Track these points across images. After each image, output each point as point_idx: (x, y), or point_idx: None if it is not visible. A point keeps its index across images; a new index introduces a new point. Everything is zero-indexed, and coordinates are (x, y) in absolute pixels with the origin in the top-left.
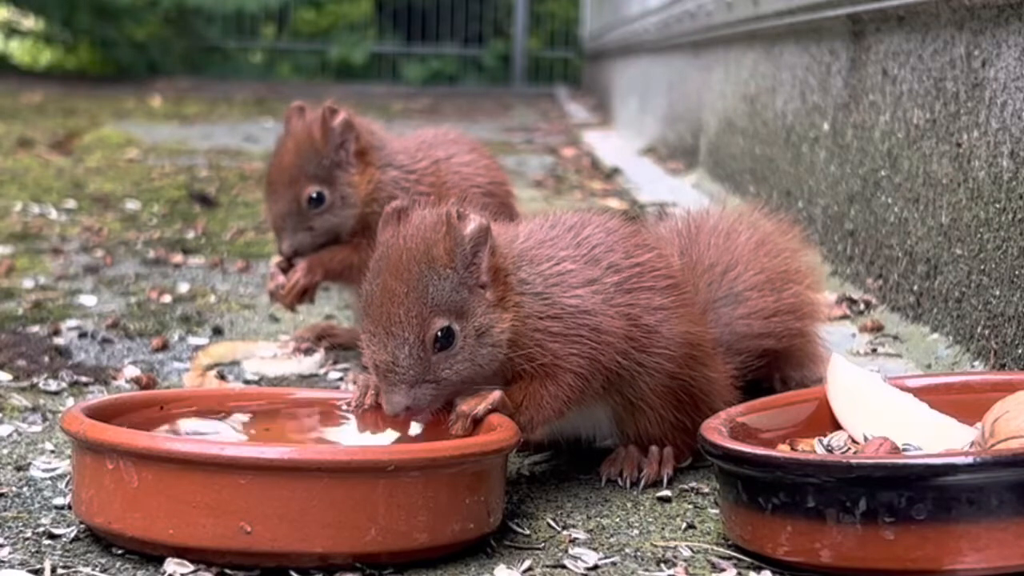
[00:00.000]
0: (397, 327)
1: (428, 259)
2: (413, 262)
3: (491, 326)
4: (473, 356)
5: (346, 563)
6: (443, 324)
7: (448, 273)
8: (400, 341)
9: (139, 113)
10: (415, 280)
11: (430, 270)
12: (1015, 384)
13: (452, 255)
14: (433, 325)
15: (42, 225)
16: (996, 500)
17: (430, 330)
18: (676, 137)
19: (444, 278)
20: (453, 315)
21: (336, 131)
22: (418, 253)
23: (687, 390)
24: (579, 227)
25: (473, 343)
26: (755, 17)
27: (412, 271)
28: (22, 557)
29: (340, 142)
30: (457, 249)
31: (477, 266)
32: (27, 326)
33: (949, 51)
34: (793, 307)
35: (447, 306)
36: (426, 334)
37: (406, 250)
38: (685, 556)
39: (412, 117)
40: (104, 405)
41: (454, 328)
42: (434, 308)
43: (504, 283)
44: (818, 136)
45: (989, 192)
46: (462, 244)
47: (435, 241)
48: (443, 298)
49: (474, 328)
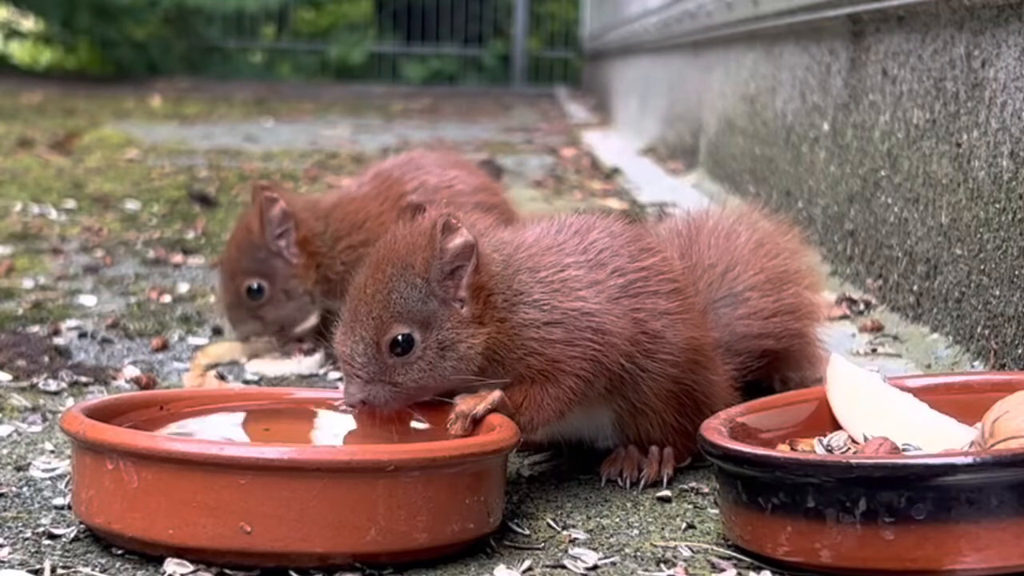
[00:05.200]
0: (359, 324)
1: (404, 265)
2: (389, 264)
3: (458, 341)
4: (432, 367)
5: (346, 563)
6: (402, 331)
7: (418, 283)
8: (358, 338)
9: (139, 113)
10: (384, 283)
11: (401, 276)
12: (1015, 384)
13: (428, 266)
14: (391, 330)
15: (42, 225)
16: (996, 500)
17: (387, 334)
18: (676, 137)
19: (413, 287)
20: (416, 324)
21: (274, 222)
22: (396, 257)
23: (689, 394)
24: (584, 231)
25: (434, 355)
26: (755, 17)
27: (385, 273)
28: (22, 557)
29: (279, 232)
30: (434, 261)
31: (456, 281)
32: (27, 326)
33: (949, 51)
34: (793, 307)
35: (411, 315)
36: (382, 337)
37: (389, 251)
38: (685, 556)
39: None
40: (104, 405)
41: (414, 337)
42: (395, 314)
43: (486, 301)
44: (818, 136)
45: (989, 192)
46: (441, 257)
47: (416, 248)
48: (407, 306)
49: (437, 340)
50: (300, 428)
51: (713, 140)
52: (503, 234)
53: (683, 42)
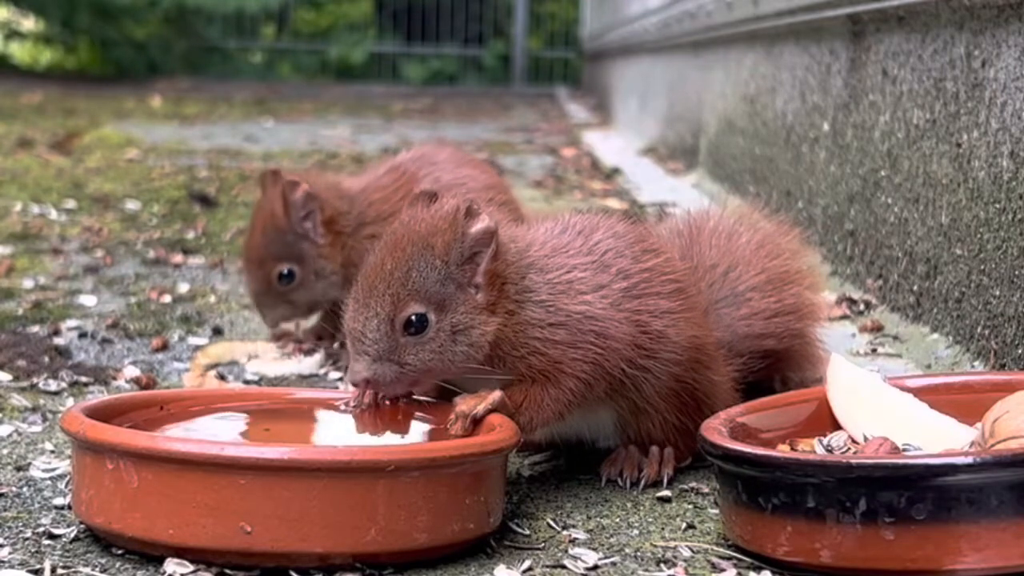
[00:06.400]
0: (374, 300)
1: (424, 245)
2: (409, 244)
3: (471, 327)
4: (443, 350)
5: (346, 563)
6: (418, 310)
7: (438, 264)
8: (372, 314)
9: (139, 113)
10: (404, 261)
11: (421, 256)
12: (1015, 384)
13: (448, 249)
14: (407, 308)
15: (42, 225)
16: (996, 500)
17: (403, 312)
18: (676, 137)
19: (432, 268)
20: (432, 305)
21: (298, 205)
22: (417, 237)
23: (691, 393)
24: (588, 232)
25: (446, 338)
26: (755, 17)
27: (405, 252)
28: (22, 557)
29: (303, 215)
30: (455, 244)
31: (474, 266)
32: (27, 326)
33: (949, 51)
34: (794, 307)
35: (428, 295)
36: (397, 314)
37: (410, 231)
38: (685, 556)
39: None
40: (104, 405)
41: (429, 317)
42: (412, 292)
43: (500, 289)
44: (818, 136)
45: (989, 192)
46: (462, 241)
47: (438, 231)
48: (425, 286)
49: (450, 324)
50: (300, 428)
51: (713, 140)
52: (516, 230)
53: (683, 42)
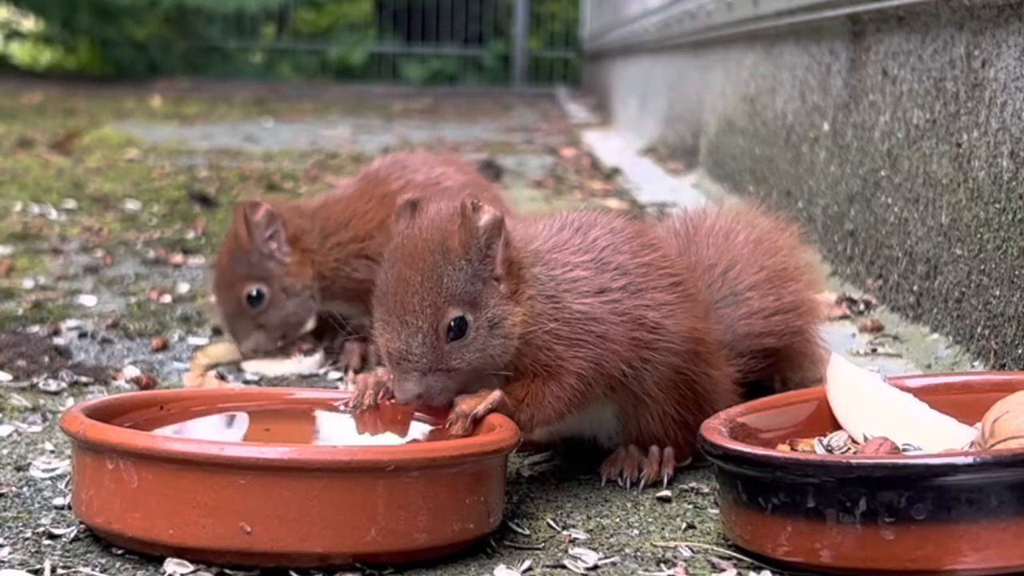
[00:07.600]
0: (411, 316)
1: (443, 249)
2: (428, 252)
3: (503, 318)
4: (485, 347)
5: (346, 563)
6: (457, 314)
7: (463, 264)
8: (414, 330)
9: (139, 113)
10: (430, 270)
11: (445, 260)
12: (1015, 384)
13: (467, 246)
14: (447, 315)
15: (42, 225)
16: (996, 500)
17: (444, 319)
18: (676, 137)
19: (459, 269)
20: (467, 306)
21: (261, 225)
22: (433, 243)
23: (690, 386)
24: (586, 228)
25: (485, 334)
26: (755, 17)
27: (427, 261)
28: (22, 557)
29: (268, 235)
30: (472, 241)
31: (491, 258)
32: (27, 326)
33: (949, 51)
34: (794, 305)
35: (461, 296)
36: (439, 323)
37: (422, 240)
38: (685, 556)
39: (412, 117)
40: (104, 405)
41: (467, 318)
42: (448, 298)
43: (518, 276)
44: (818, 136)
45: (989, 192)
46: (477, 235)
47: (451, 232)
48: (457, 288)
49: (487, 319)
50: (300, 428)
51: (713, 140)
52: (515, 222)
53: (683, 42)
